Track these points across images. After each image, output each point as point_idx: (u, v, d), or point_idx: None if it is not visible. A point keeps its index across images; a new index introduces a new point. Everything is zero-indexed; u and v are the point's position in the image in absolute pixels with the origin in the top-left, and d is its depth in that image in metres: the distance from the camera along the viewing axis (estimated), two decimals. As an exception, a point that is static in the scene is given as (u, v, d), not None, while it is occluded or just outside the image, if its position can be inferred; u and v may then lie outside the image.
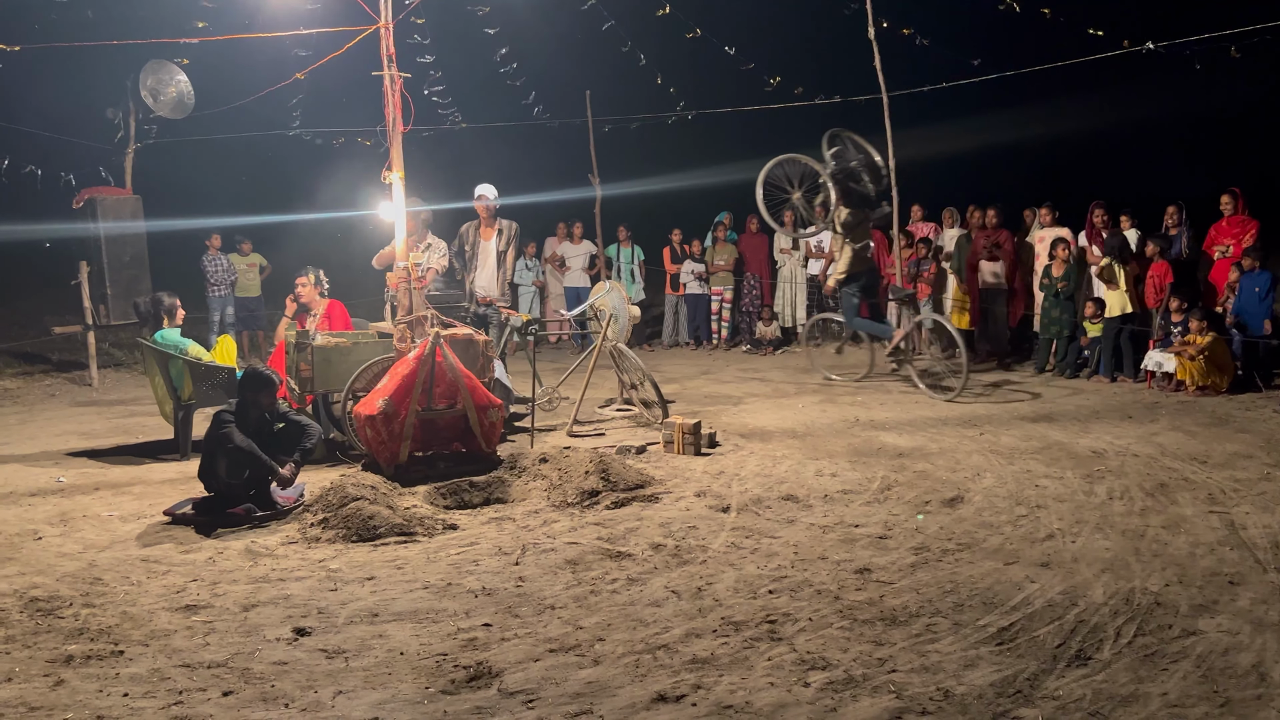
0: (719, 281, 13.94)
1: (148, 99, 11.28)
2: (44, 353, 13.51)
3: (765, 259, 14.00)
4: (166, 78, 11.28)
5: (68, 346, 13.32)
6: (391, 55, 7.10)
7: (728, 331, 14.12)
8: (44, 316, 14.61)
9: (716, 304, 14.08)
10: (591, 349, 8.69)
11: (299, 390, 7.42)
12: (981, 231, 11.49)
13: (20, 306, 17.78)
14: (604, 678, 3.54)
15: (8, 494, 6.50)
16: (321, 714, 3.30)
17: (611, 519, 5.59)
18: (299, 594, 4.50)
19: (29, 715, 3.34)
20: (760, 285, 13.91)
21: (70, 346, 13.21)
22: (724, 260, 13.89)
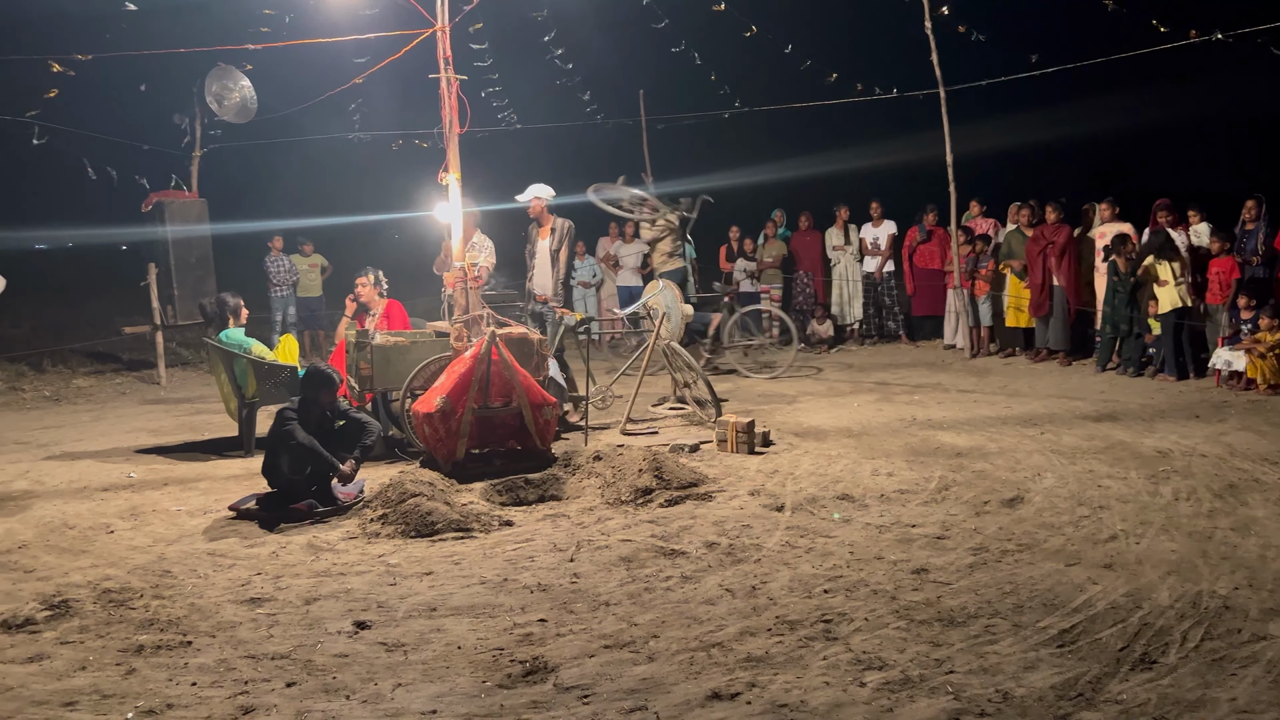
0: (766, 279, 13.86)
1: (213, 104, 11.57)
2: (115, 352, 13.94)
3: (818, 256, 13.89)
4: (231, 84, 11.57)
5: (137, 346, 13.71)
6: (448, 58, 7.20)
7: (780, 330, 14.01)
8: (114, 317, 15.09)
9: (766, 302, 14.00)
10: (645, 348, 8.71)
11: (359, 388, 7.55)
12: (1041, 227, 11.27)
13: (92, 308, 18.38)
14: (658, 674, 3.56)
15: (82, 488, 6.72)
16: (381, 706, 3.37)
17: (665, 517, 5.60)
18: (359, 588, 4.59)
19: (102, 703, 3.45)
20: (813, 283, 13.81)
21: (139, 346, 13.60)
22: (771, 257, 13.80)
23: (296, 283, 14.06)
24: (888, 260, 13.26)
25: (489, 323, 7.35)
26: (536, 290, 9.09)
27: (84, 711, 3.38)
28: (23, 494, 6.62)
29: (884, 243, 13.24)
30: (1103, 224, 10.86)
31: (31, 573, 4.94)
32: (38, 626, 4.19)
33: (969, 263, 11.93)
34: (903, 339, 13.32)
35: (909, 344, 13.18)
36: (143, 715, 3.34)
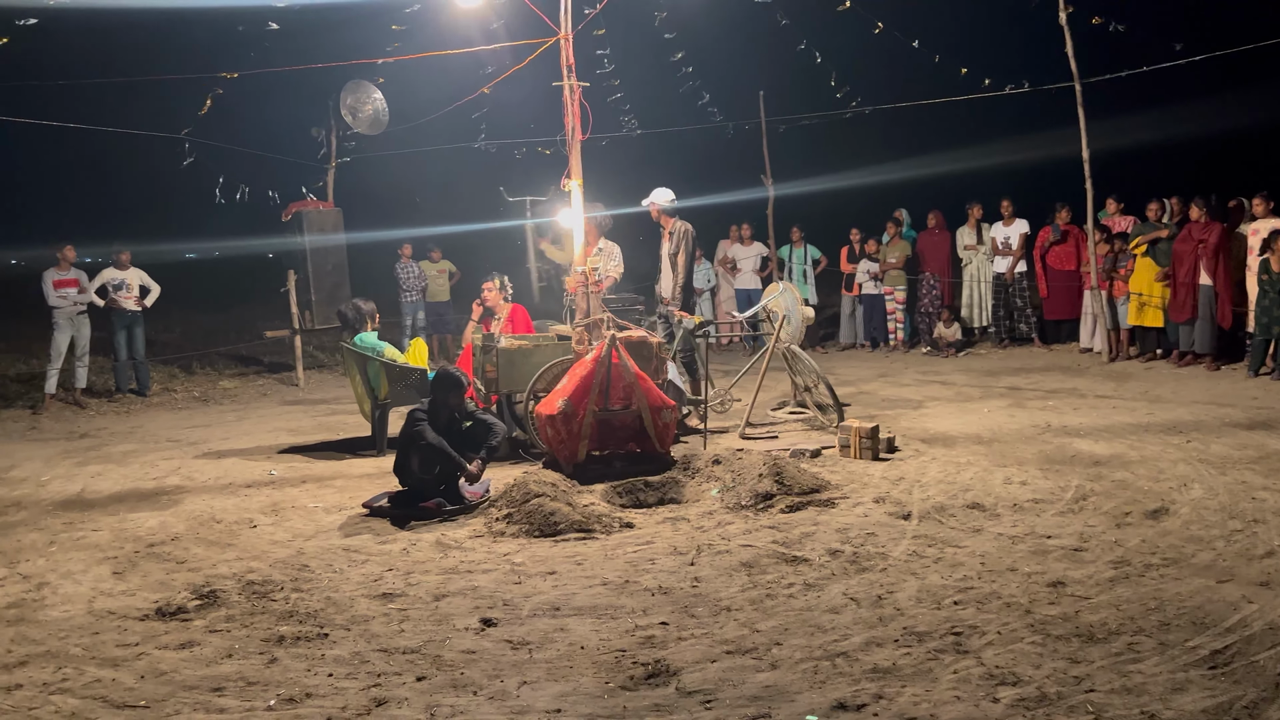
0: (890, 281, 13.54)
1: (347, 117, 12.06)
2: (257, 355, 14.68)
3: (946, 257, 13.49)
4: (364, 96, 12.04)
5: (277, 349, 14.41)
6: (571, 65, 7.30)
7: (905, 333, 13.69)
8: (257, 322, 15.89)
9: (891, 304, 13.69)
10: (764, 350, 8.64)
11: (485, 390, 7.74)
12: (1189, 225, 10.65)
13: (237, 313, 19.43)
14: (782, 682, 3.51)
15: (227, 485, 7.10)
16: (508, 703, 3.43)
17: (786, 523, 5.53)
18: (486, 585, 4.69)
19: (247, 690, 3.63)
20: (940, 284, 13.42)
21: (280, 349, 14.29)
22: (895, 258, 13.47)
23: (425, 288, 14.53)
24: (1019, 260, 12.78)
25: (609, 326, 7.42)
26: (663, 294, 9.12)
27: (230, 697, 3.56)
28: (175, 489, 7.03)
29: (1016, 242, 12.78)
30: (1257, 220, 10.19)
31: (183, 563, 5.24)
32: (189, 615, 4.43)
33: (1106, 262, 11.39)
34: (1035, 342, 12.81)
35: (1042, 347, 12.67)
36: (284, 703, 3.49)
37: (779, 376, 9.67)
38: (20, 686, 3.70)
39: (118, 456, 8.27)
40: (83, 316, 11.27)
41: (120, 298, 11.60)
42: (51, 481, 7.39)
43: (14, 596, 4.77)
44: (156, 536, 5.76)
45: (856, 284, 13.89)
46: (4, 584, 4.97)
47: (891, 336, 13.74)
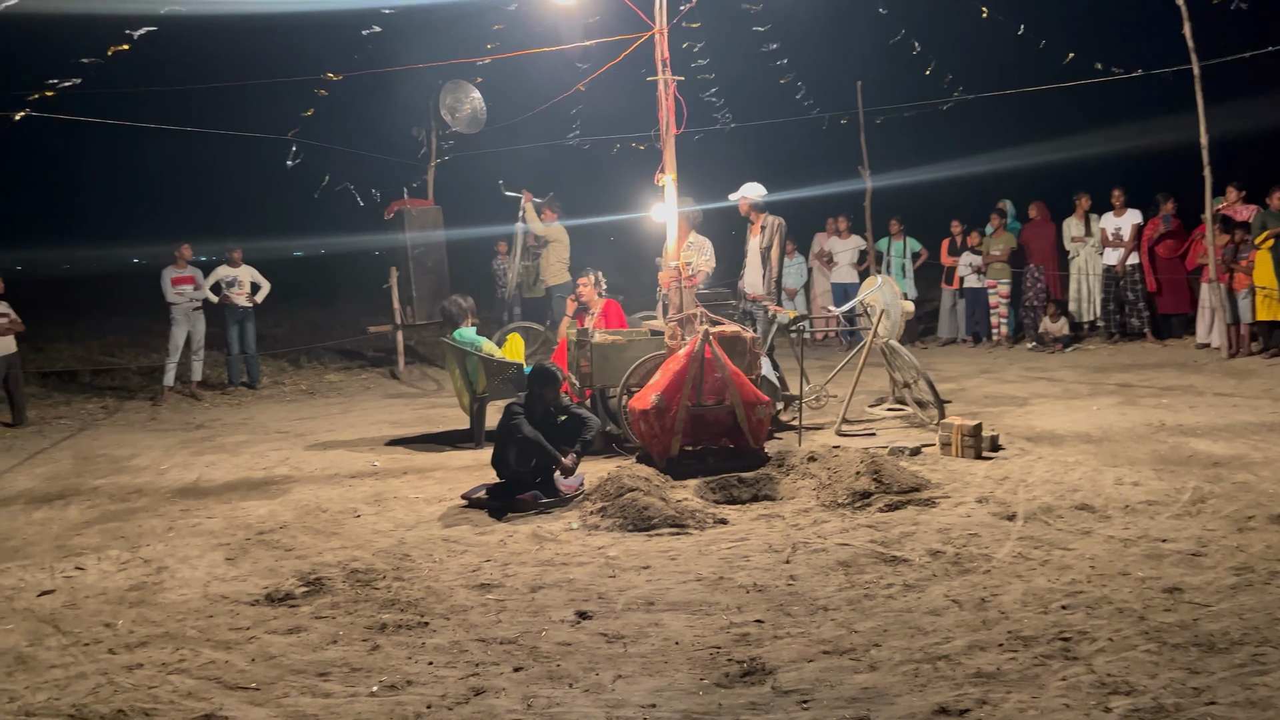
0: (994, 274, 13.13)
1: (446, 116, 12.31)
2: (361, 350, 15.11)
3: (1052, 249, 13.03)
4: (463, 96, 12.27)
5: (380, 344, 14.79)
6: (665, 60, 7.29)
7: (1009, 328, 13.27)
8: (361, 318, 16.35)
9: (994, 298, 13.28)
10: (861, 346, 8.48)
11: (579, 385, 7.80)
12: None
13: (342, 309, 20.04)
14: (881, 684, 3.44)
15: (332, 475, 7.32)
16: (603, 696, 3.44)
17: (885, 522, 5.42)
18: (580, 578, 4.72)
19: (351, 675, 3.73)
20: (1045, 277, 12.97)
21: (382, 344, 14.66)
22: (999, 250, 13.06)
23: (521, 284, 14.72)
24: (1131, 252, 12.25)
25: (702, 321, 7.39)
26: (746, 289, 9.05)
27: (335, 682, 3.66)
28: (284, 479, 7.28)
29: (1127, 233, 12.26)
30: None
31: (291, 551, 5.42)
32: (296, 601, 4.58)
33: (1226, 254, 10.83)
34: (1148, 337, 12.27)
35: (1155, 342, 12.13)
36: (386, 690, 3.58)
37: (877, 372, 9.49)
38: (141, 666, 3.88)
39: (230, 447, 8.61)
40: (198, 312, 11.78)
41: (233, 294, 12.08)
42: (170, 470, 7.73)
43: (136, 579, 5.01)
44: (266, 524, 5.97)
45: (957, 277, 13.52)
46: (126, 567, 5.23)
47: (995, 331, 13.34)
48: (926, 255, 14.15)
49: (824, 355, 12.96)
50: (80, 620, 4.44)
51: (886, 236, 14.06)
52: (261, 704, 3.50)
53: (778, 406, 8.11)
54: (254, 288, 12.32)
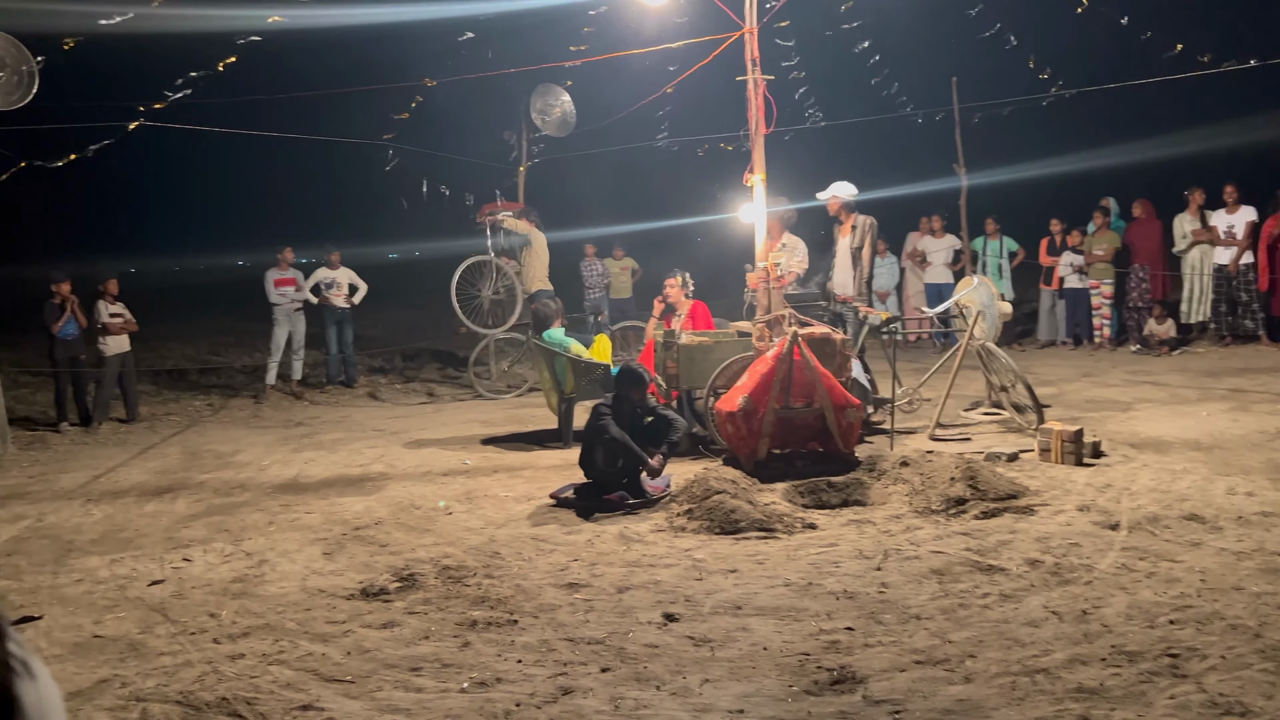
0: (1096, 274, 12.66)
1: (536, 120, 12.45)
2: (453, 350, 15.39)
3: (1158, 248, 12.50)
4: (553, 99, 12.39)
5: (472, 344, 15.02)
6: (755, 59, 7.23)
7: (1112, 330, 12.79)
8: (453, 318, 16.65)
9: (1097, 299, 12.81)
10: (956, 348, 8.27)
11: (666, 386, 7.79)
12: None
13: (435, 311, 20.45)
14: (976, 697, 3.34)
15: (425, 473, 7.47)
16: (690, 700, 3.43)
17: (980, 529, 5.27)
18: (667, 580, 4.72)
19: (442, 671, 3.79)
20: (1151, 277, 12.45)
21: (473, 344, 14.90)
22: (1102, 250, 12.59)
23: (608, 285, 14.82)
24: (1245, 251, 11.68)
25: (791, 322, 7.31)
26: (836, 290, 8.91)
27: (427, 677, 3.73)
28: (379, 476, 7.46)
29: (1241, 231, 11.69)
30: None
31: (385, 547, 5.55)
32: (390, 596, 4.68)
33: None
34: (1262, 340, 11.68)
35: (1270, 345, 11.54)
36: (476, 686, 3.63)
37: (972, 376, 9.25)
38: (243, 656, 4.02)
39: (328, 444, 8.87)
40: (299, 313, 12.16)
41: (331, 296, 12.44)
42: (271, 466, 8.00)
43: (238, 572, 5.19)
44: (362, 520, 6.13)
45: (1057, 277, 13.08)
46: (230, 560, 5.42)
47: (1097, 333, 12.87)
48: (1024, 255, 13.74)
49: (916, 358, 12.69)
50: (187, 610, 4.62)
51: (981, 236, 13.70)
52: (356, 697, 3.58)
53: (868, 410, 7.97)
54: (352, 289, 12.66)
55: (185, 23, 8.85)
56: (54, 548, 5.76)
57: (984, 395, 8.80)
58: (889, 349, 8.28)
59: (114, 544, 5.81)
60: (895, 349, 8.18)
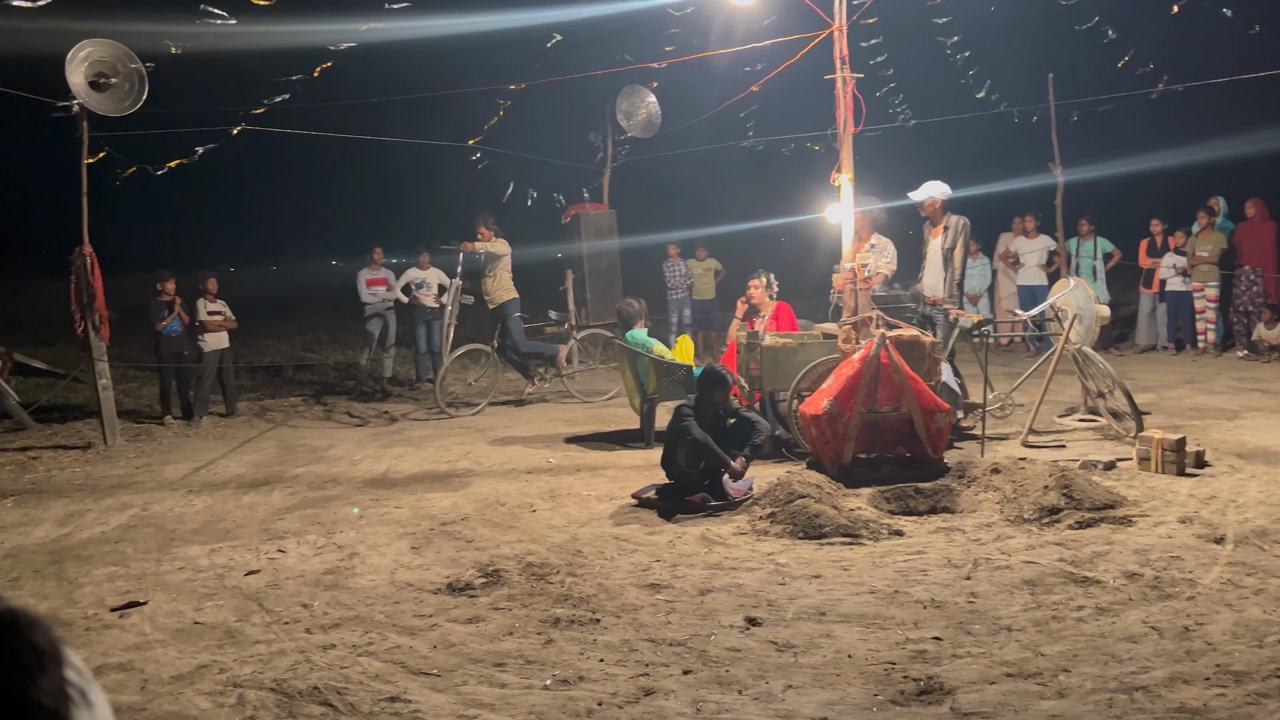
0: (1200, 276, 12.13)
1: (622, 121, 12.51)
2: (537, 349, 15.56)
3: (1270, 249, 11.93)
4: (639, 100, 12.44)
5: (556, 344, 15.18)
6: (844, 57, 7.14)
7: (1217, 334, 12.25)
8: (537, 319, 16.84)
9: (1201, 302, 12.28)
10: (1051, 352, 8.03)
11: (748, 388, 7.74)
12: None
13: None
14: (1070, 713, 3.24)
15: (510, 470, 7.56)
16: (772, 705, 3.39)
17: (1075, 540, 5.10)
18: (749, 584, 4.68)
19: (526, 667, 3.83)
20: (1262, 280, 11.88)
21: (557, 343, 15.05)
22: (1207, 251, 12.05)
23: (691, 286, 14.80)
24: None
25: (879, 325, 7.19)
26: (926, 291, 8.73)
27: (511, 673, 3.78)
28: (465, 472, 7.58)
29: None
30: None
31: (471, 543, 5.64)
32: (475, 592, 4.76)
33: None
34: (1383, 346, 11.05)
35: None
36: (559, 684, 3.66)
37: (1067, 381, 8.97)
38: (334, 646, 4.13)
39: (416, 440, 9.05)
40: (390, 312, 12.45)
41: (421, 295, 12.70)
42: (362, 461, 8.20)
43: (330, 564, 5.34)
44: (448, 516, 6.24)
45: (1158, 279, 12.59)
46: (322, 552, 5.58)
47: (1200, 338, 12.35)
48: (1120, 256, 13.26)
49: (1008, 362, 12.35)
50: (281, 600, 4.77)
51: (1075, 236, 13.27)
52: (442, 690, 3.65)
53: (958, 415, 7.80)
54: (440, 289, 12.90)
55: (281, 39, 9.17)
56: (158, 536, 6.01)
57: (1079, 401, 8.52)
58: (980, 352, 8.08)
59: (213, 534, 6.03)
60: (987, 352, 7.97)
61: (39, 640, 0.75)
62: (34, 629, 0.76)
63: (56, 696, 0.73)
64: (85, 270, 8.89)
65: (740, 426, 6.54)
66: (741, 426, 6.53)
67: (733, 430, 6.52)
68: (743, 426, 6.53)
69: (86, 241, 8.92)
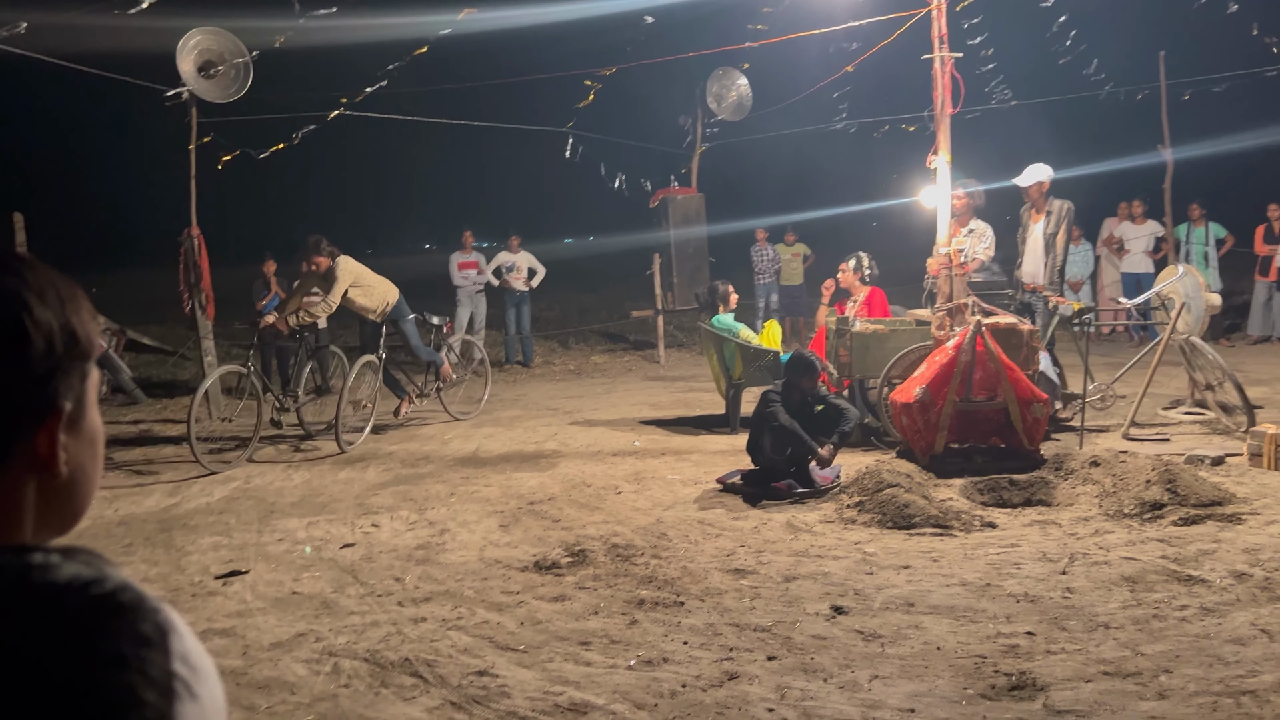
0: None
1: (712, 104, 12.44)
2: (624, 333, 15.66)
3: (1400, 236, 11.24)
4: (729, 83, 12.35)
5: (641, 328, 15.25)
6: (943, 36, 6.95)
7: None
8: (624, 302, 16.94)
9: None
10: (1156, 342, 7.71)
11: (837, 375, 7.64)
12: None
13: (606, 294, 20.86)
14: (1171, 715, 3.12)
15: (596, 452, 7.63)
16: (858, 695, 3.36)
17: (1179, 537, 4.90)
18: (836, 573, 4.63)
19: (610, 647, 3.87)
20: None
21: (643, 328, 15.12)
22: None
23: (779, 271, 14.66)
24: None
25: (974, 311, 7.01)
26: (1025, 278, 8.46)
27: (595, 652, 3.82)
28: (552, 453, 7.67)
29: None
30: None
31: (558, 522, 5.71)
32: (561, 571, 4.82)
33: None
34: None
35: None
36: (643, 664, 3.68)
37: (1173, 372, 8.62)
38: (425, 620, 4.23)
39: (505, 421, 9.20)
40: (480, 295, 12.67)
41: (511, 278, 12.88)
42: (452, 440, 8.37)
43: (422, 539, 5.47)
44: (536, 495, 6.32)
45: (1275, 268, 11.98)
46: (415, 528, 5.72)
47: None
48: (1233, 242, 12.64)
49: (1110, 351, 11.92)
50: (375, 573, 4.90)
51: (1185, 222, 12.70)
52: (529, 666, 3.71)
53: (1056, 405, 7.56)
54: (530, 273, 13.06)
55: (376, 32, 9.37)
56: (259, 508, 6.24)
57: (1186, 393, 8.17)
58: (1080, 341, 7.81)
59: (311, 507, 6.24)
60: (1088, 342, 7.70)
61: (145, 628, 0.70)
62: (140, 615, 0.70)
63: (160, 690, 0.68)
64: (193, 251, 9.26)
65: (828, 413, 6.45)
66: (830, 413, 6.45)
67: (820, 417, 6.44)
68: (831, 413, 6.44)
69: (194, 224, 9.28)
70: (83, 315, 0.80)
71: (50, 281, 0.79)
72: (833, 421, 6.37)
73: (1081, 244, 13.37)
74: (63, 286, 0.80)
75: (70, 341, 0.78)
